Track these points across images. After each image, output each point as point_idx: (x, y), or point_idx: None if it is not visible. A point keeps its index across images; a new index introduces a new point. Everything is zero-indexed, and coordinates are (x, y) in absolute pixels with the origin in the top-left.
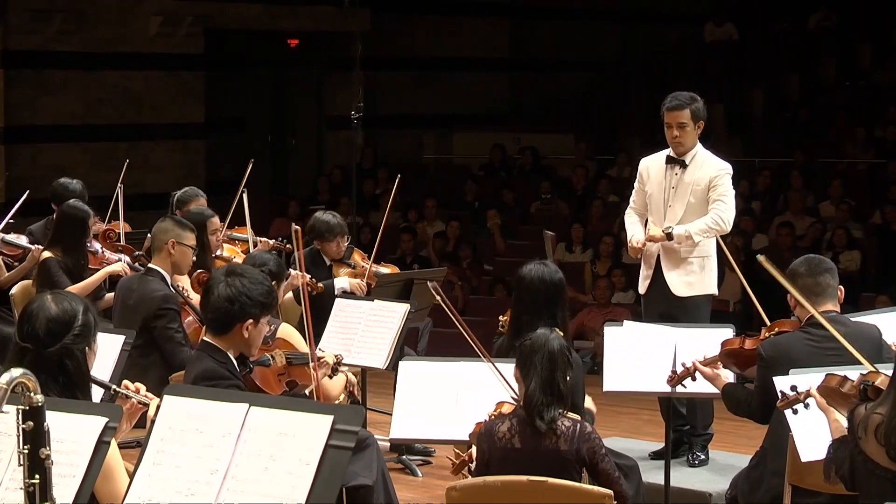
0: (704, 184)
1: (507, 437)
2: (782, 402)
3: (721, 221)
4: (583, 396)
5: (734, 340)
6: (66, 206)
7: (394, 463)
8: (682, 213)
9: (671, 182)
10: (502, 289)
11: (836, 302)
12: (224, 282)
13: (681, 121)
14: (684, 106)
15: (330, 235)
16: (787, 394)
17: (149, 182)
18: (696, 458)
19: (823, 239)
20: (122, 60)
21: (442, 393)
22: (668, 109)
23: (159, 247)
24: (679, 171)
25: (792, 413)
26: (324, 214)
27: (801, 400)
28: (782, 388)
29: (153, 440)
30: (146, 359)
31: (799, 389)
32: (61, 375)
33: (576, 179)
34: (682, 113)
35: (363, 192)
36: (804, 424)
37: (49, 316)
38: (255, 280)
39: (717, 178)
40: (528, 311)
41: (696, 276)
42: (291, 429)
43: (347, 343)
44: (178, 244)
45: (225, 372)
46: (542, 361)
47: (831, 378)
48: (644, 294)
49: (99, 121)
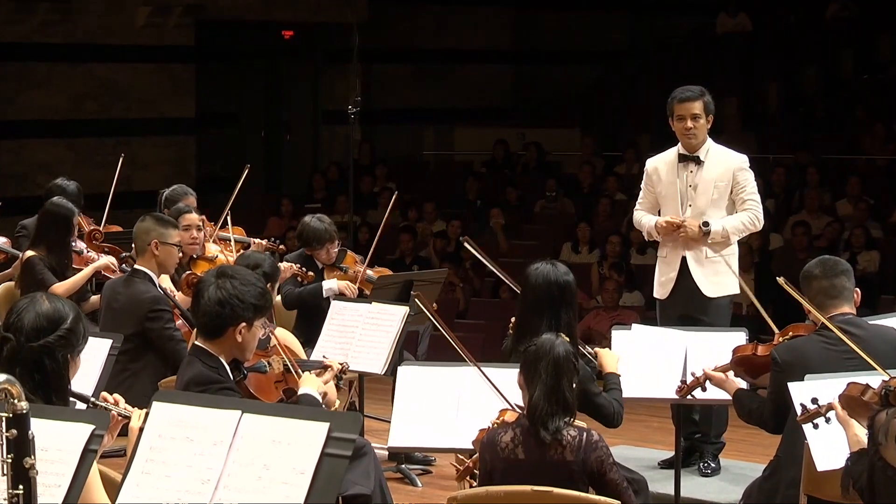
0: (727, 179)
1: (510, 447)
2: (802, 416)
3: (756, 221)
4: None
5: (746, 347)
6: (50, 203)
7: (392, 472)
8: (705, 210)
9: (688, 180)
10: (506, 291)
11: (852, 304)
12: (214, 284)
13: (694, 112)
14: (697, 97)
15: (318, 245)
16: (808, 407)
17: (136, 180)
18: (707, 467)
19: (841, 239)
20: (108, 53)
21: (442, 399)
22: (680, 101)
23: (142, 248)
24: (695, 167)
25: (812, 427)
26: (312, 220)
27: (822, 413)
28: (802, 401)
29: (142, 448)
30: (137, 363)
31: (820, 402)
32: (37, 373)
33: (582, 176)
34: (696, 104)
35: (360, 190)
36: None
37: (39, 311)
38: (247, 282)
39: (740, 173)
40: (531, 312)
41: (723, 276)
42: (286, 436)
43: (344, 347)
44: (161, 244)
45: (216, 376)
46: (547, 368)
47: (853, 387)
48: (666, 297)
49: (85, 116)
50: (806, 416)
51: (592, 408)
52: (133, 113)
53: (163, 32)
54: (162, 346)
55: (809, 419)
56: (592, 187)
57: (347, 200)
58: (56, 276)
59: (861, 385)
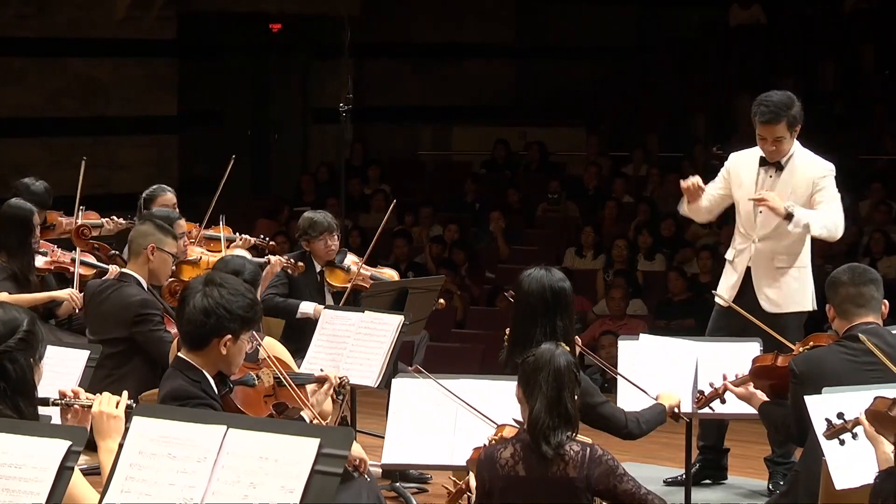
0: (806, 185)
1: (510, 464)
2: (828, 432)
3: (838, 228)
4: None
5: (766, 357)
6: (6, 205)
7: (386, 490)
8: (777, 220)
9: (765, 185)
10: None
11: (879, 316)
12: (201, 292)
13: (777, 135)
14: (780, 117)
15: (314, 232)
16: (834, 422)
17: (115, 181)
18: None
19: (860, 244)
20: (86, 47)
21: (439, 414)
22: (762, 123)
23: (137, 251)
24: (774, 173)
25: (839, 444)
26: (310, 212)
27: (848, 429)
28: (828, 416)
29: (121, 466)
30: (124, 368)
31: (846, 417)
32: (2, 380)
33: (587, 178)
34: (779, 127)
35: (352, 193)
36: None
37: None
38: (236, 291)
39: (822, 180)
40: (524, 320)
41: (792, 289)
42: (273, 453)
43: (335, 359)
44: (158, 250)
45: (197, 391)
46: (548, 380)
47: (881, 402)
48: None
49: (61, 113)
50: (832, 432)
51: (598, 419)
52: (112, 111)
53: (143, 26)
54: (150, 350)
55: (835, 435)
56: (598, 189)
57: (338, 203)
58: (18, 282)
59: (889, 400)
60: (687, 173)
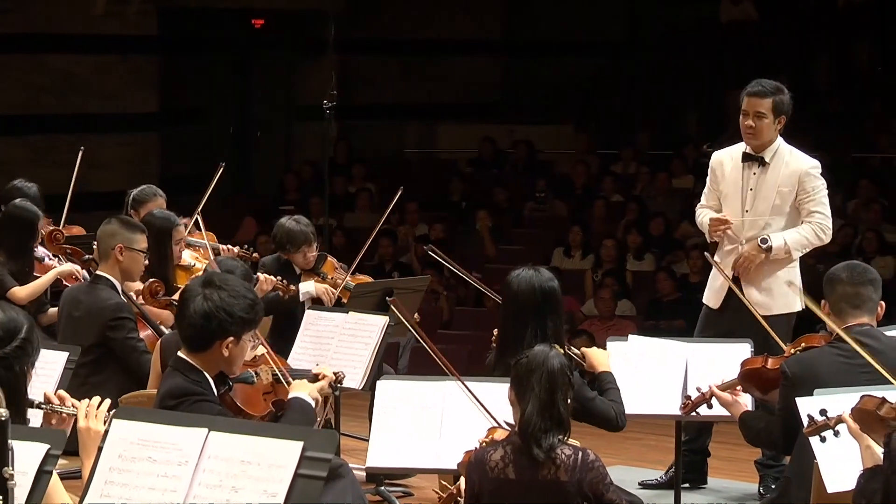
0: (791, 183)
1: (500, 466)
2: (809, 428)
3: (823, 235)
4: None
5: (755, 360)
6: (13, 206)
7: (371, 494)
8: (765, 218)
9: (749, 183)
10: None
11: (873, 317)
12: (201, 294)
13: (759, 109)
14: (766, 94)
15: (293, 248)
16: (816, 419)
17: (96, 180)
18: (768, 490)
19: (853, 244)
20: (65, 43)
21: (425, 416)
22: (748, 95)
23: (105, 252)
24: (758, 169)
25: (819, 441)
26: (287, 221)
27: (830, 426)
28: (810, 412)
29: (100, 470)
30: (100, 375)
31: (829, 414)
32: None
33: (576, 176)
34: (763, 101)
35: (336, 191)
36: (831, 451)
37: None
38: (237, 293)
39: (808, 180)
40: (514, 321)
41: (780, 290)
42: (256, 456)
43: (319, 359)
44: (126, 249)
45: (196, 387)
46: (541, 382)
47: (868, 401)
48: (717, 308)
49: (40, 111)
50: (813, 428)
51: (590, 414)
52: (92, 108)
53: (124, 21)
54: (125, 358)
55: (816, 431)
56: (586, 188)
57: (322, 202)
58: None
59: (877, 399)
60: (678, 172)
